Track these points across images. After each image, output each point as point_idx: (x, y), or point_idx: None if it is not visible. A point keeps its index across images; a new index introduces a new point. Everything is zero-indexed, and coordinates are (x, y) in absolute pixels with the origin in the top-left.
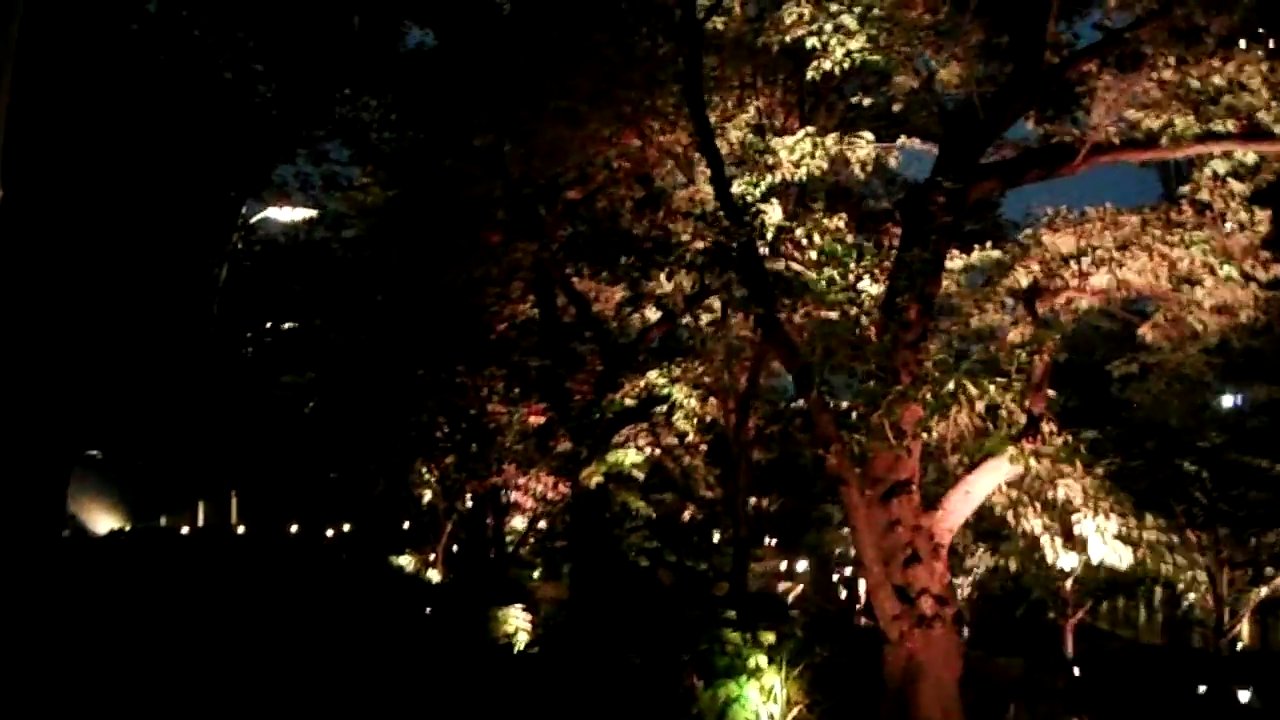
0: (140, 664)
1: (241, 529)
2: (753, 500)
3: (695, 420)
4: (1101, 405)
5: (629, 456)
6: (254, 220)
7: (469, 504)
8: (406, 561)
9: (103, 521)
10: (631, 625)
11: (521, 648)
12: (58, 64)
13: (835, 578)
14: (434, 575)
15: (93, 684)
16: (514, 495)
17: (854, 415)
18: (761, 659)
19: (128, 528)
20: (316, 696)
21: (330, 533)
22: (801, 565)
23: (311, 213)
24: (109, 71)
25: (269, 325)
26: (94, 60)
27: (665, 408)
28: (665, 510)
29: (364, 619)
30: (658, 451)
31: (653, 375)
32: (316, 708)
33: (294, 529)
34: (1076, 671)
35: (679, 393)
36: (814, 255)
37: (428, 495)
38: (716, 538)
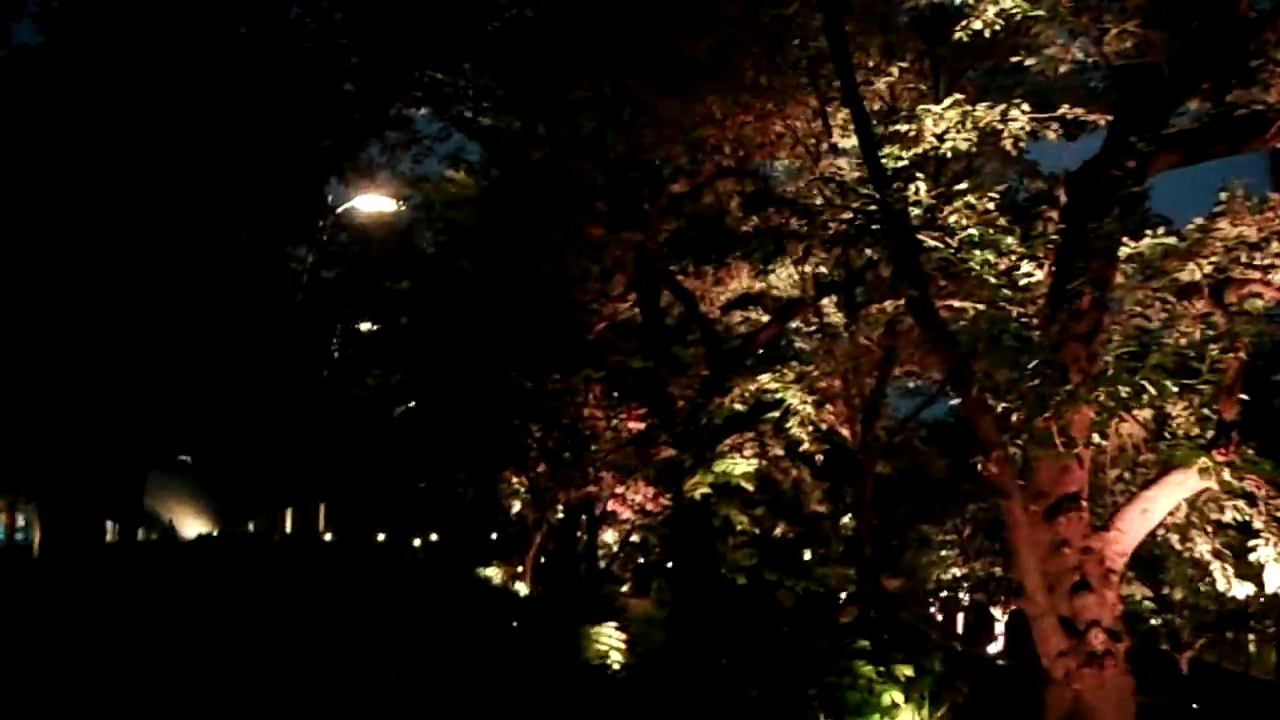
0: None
1: (329, 536)
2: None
3: (810, 428)
4: (1267, 418)
5: (738, 466)
6: (340, 210)
7: (560, 515)
8: (494, 573)
9: (192, 526)
10: (744, 651)
11: (616, 669)
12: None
13: (931, 606)
14: (522, 588)
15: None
16: (610, 505)
17: (1014, 418)
18: (897, 695)
19: (215, 532)
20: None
21: (417, 542)
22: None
23: (399, 204)
24: (187, 44)
25: (355, 322)
26: (172, 32)
27: (777, 414)
28: (759, 526)
29: (449, 634)
30: (763, 463)
31: (765, 379)
32: None
33: (380, 537)
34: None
35: (793, 398)
36: (963, 238)
37: (516, 506)
38: (807, 555)
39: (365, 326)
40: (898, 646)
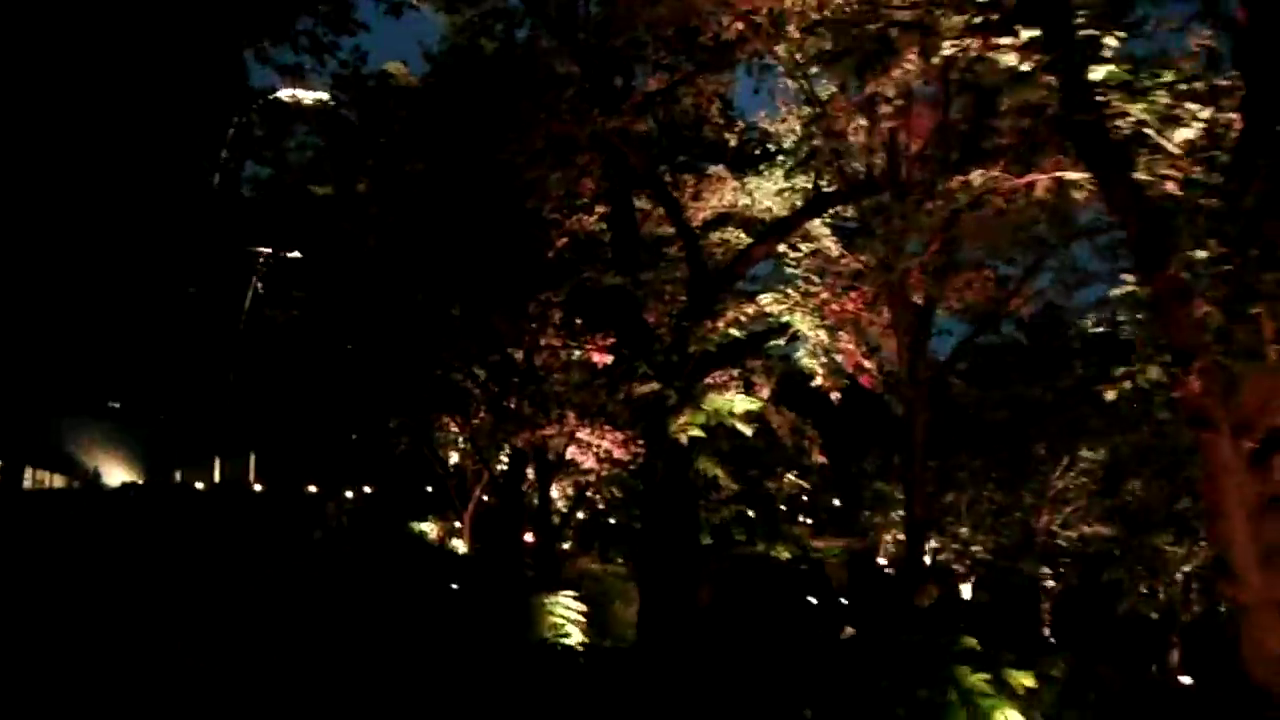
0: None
1: (258, 487)
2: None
3: (824, 359)
4: None
5: (736, 403)
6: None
7: (504, 465)
8: (429, 528)
9: (117, 474)
10: (784, 649)
11: (578, 650)
12: None
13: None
14: (459, 545)
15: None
16: (570, 452)
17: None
18: (1014, 715)
19: (141, 481)
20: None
21: (350, 494)
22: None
23: (325, 95)
24: None
25: (280, 249)
26: None
27: (782, 341)
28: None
29: (381, 598)
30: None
31: (766, 299)
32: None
33: (312, 489)
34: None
35: (802, 323)
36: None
37: (454, 457)
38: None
39: (295, 255)
40: (1007, 644)
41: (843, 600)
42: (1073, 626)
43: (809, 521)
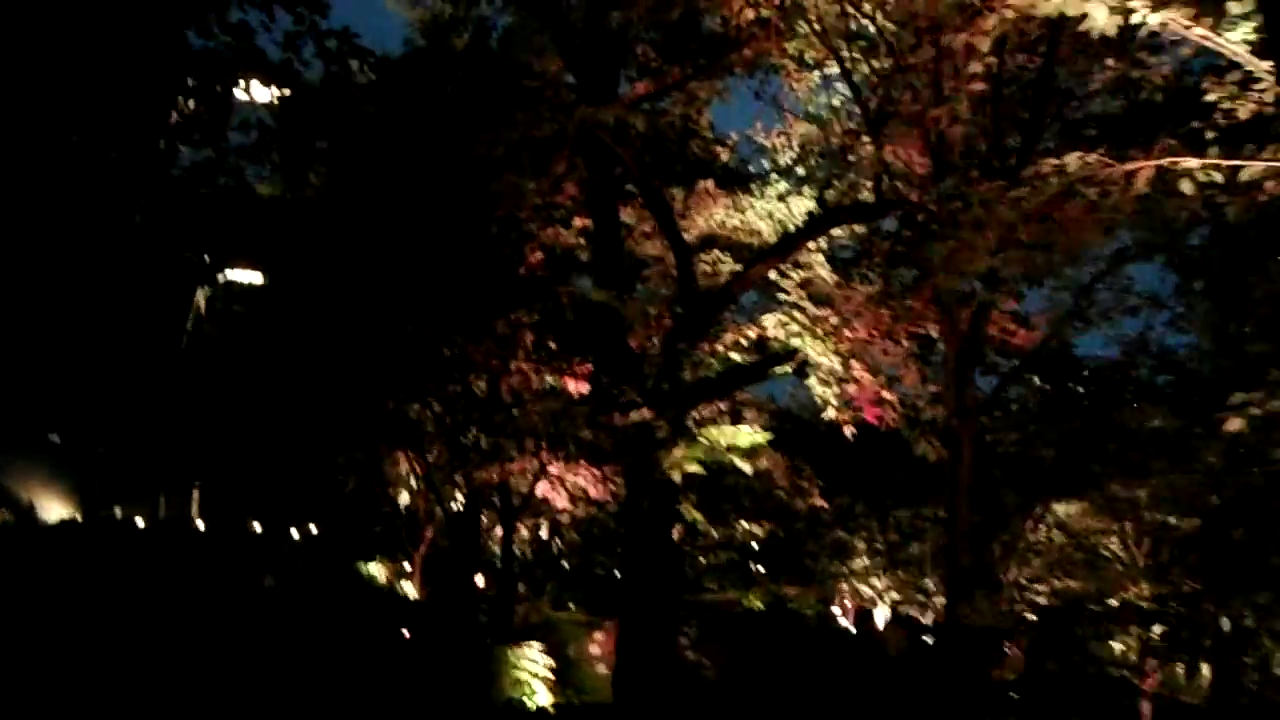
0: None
1: (201, 524)
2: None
3: (835, 388)
4: None
5: (739, 436)
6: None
7: (459, 504)
8: (377, 570)
9: (55, 510)
10: None
11: (549, 709)
12: None
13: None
14: (409, 589)
15: None
16: (540, 489)
17: None
18: None
19: (79, 518)
20: None
21: (295, 534)
22: None
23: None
24: None
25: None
26: None
27: (789, 368)
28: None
29: (333, 653)
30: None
31: (770, 321)
32: None
33: (256, 528)
34: None
35: (813, 348)
36: None
37: (405, 497)
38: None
39: (239, 276)
40: None
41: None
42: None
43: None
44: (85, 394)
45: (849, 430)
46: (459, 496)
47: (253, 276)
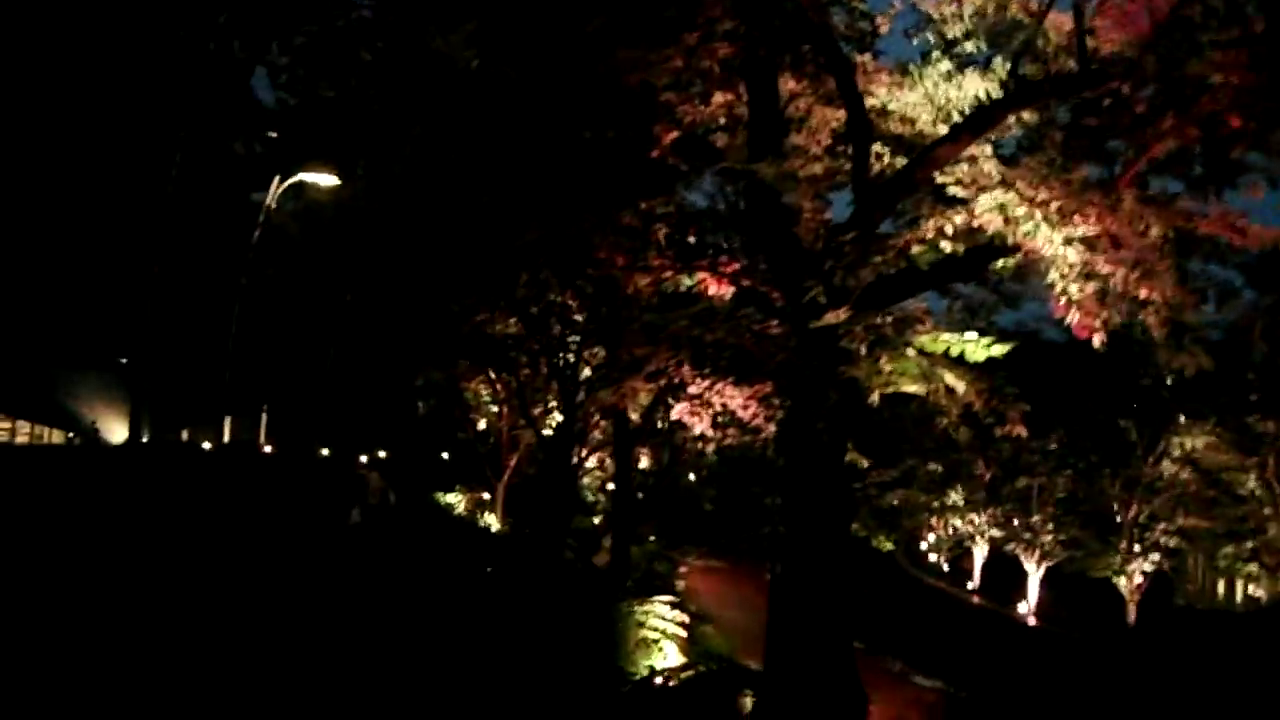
0: None
1: (269, 448)
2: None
3: (1085, 287)
4: None
5: (970, 345)
6: None
7: (551, 429)
8: (456, 500)
9: (119, 431)
10: None
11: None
12: None
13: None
14: (491, 521)
15: None
16: (678, 411)
17: None
18: None
19: (145, 439)
20: None
21: (364, 458)
22: None
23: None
24: None
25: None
26: None
27: (1010, 262)
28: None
29: (440, 615)
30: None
31: (986, 203)
32: None
33: (324, 452)
34: None
35: (1045, 237)
36: None
37: (483, 423)
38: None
39: (318, 178)
40: None
41: None
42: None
43: None
44: (150, 308)
45: (1099, 340)
46: (550, 422)
47: (327, 178)
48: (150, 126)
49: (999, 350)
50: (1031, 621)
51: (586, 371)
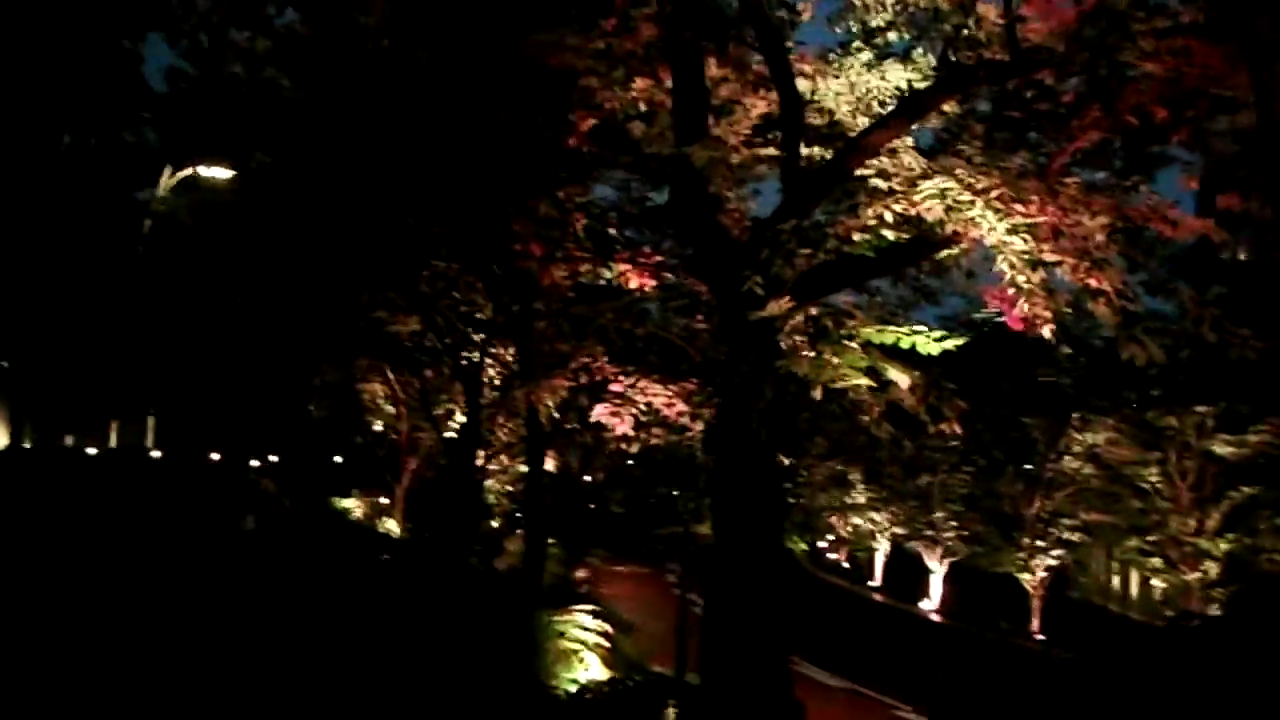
0: None
1: (157, 454)
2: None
3: (1039, 273)
4: None
5: (919, 338)
6: None
7: (452, 432)
8: (353, 506)
9: (1, 438)
10: None
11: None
12: None
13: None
14: (392, 526)
15: None
16: (598, 412)
17: None
18: None
19: (27, 445)
20: None
21: (255, 463)
22: None
23: None
24: None
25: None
26: None
27: (957, 250)
28: None
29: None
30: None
31: (928, 189)
32: None
33: (215, 457)
34: None
35: (990, 220)
36: None
37: (380, 425)
38: None
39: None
40: None
41: None
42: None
43: None
44: (29, 309)
45: (1048, 331)
46: (457, 422)
47: (221, 171)
48: (32, 112)
49: (951, 344)
50: (935, 618)
51: (492, 372)
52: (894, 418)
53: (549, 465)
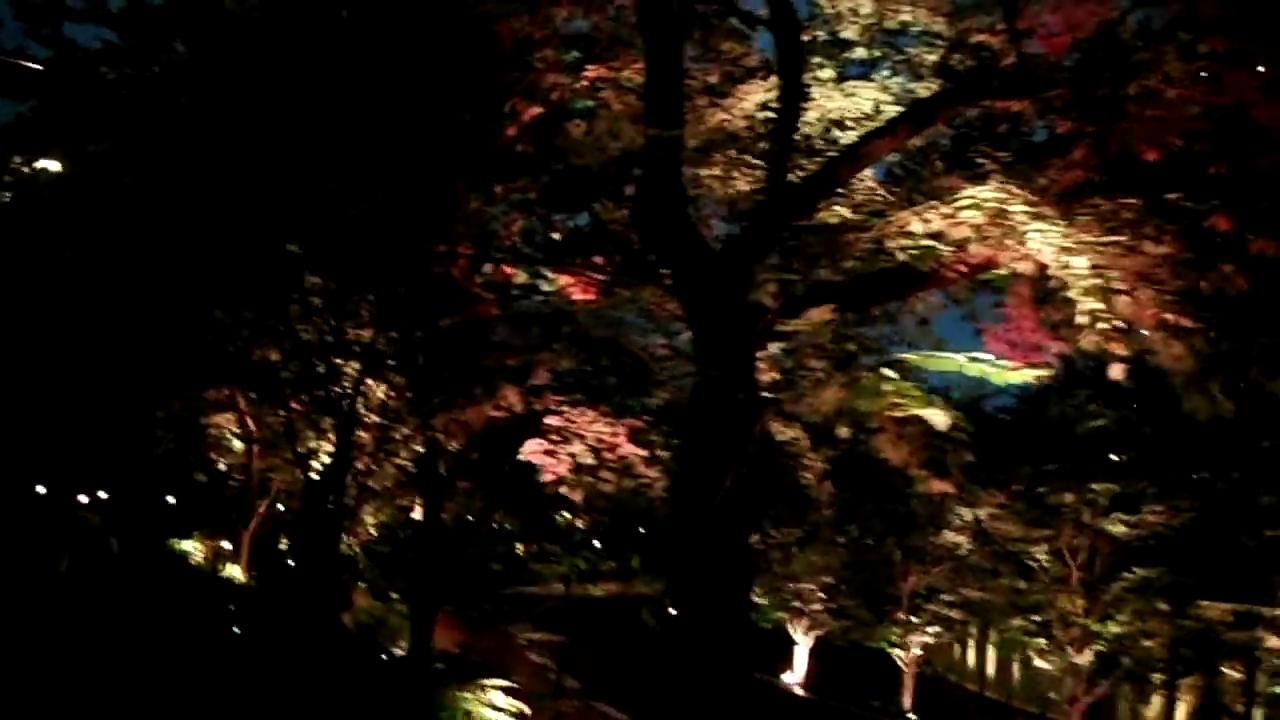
0: None
1: None
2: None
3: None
4: None
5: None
6: None
7: (315, 471)
8: (193, 549)
9: None
10: None
11: None
12: None
13: None
14: (236, 573)
15: None
16: (529, 450)
17: None
18: None
19: None
20: None
21: (84, 499)
22: None
23: None
24: None
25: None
26: None
27: (1015, 269)
28: None
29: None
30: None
31: (982, 195)
32: None
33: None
34: None
35: (1048, 243)
36: None
37: (223, 464)
38: None
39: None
40: None
41: None
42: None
43: None
44: None
45: (1118, 371)
46: (316, 463)
47: (50, 163)
48: None
49: (1030, 375)
50: (799, 692)
51: (373, 404)
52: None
53: (416, 513)
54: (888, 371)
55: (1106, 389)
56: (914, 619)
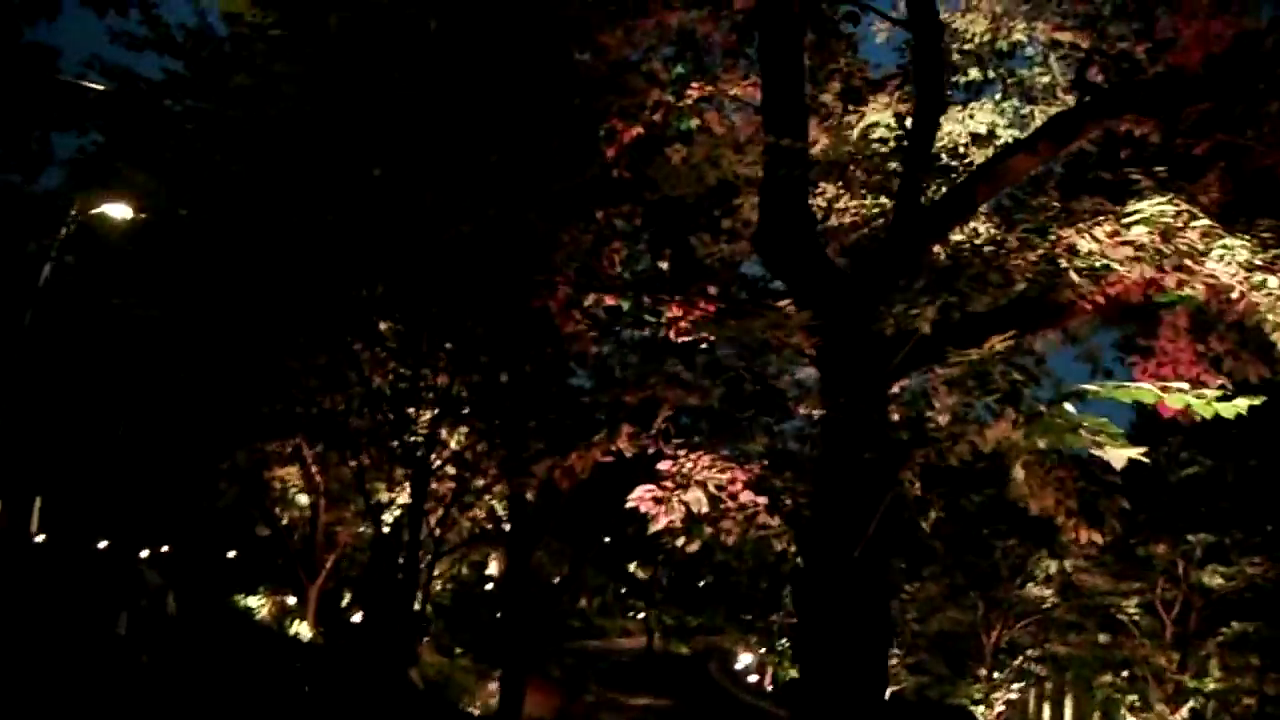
0: None
1: (41, 538)
2: None
3: None
4: None
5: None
6: None
7: (388, 525)
8: (258, 605)
9: None
10: None
11: None
12: None
13: None
14: (302, 630)
15: None
16: (636, 497)
17: None
18: None
19: None
20: None
21: (145, 553)
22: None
23: None
24: None
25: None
26: None
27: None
28: None
29: None
30: None
31: (1161, 205)
32: None
33: (103, 545)
34: None
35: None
36: None
37: (286, 518)
38: None
39: (118, 211)
40: None
41: None
42: None
43: None
44: None
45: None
46: (392, 513)
47: (121, 209)
48: None
49: (1243, 404)
50: None
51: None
52: None
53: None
54: (1068, 406)
55: (1199, 435)
56: (996, 675)
